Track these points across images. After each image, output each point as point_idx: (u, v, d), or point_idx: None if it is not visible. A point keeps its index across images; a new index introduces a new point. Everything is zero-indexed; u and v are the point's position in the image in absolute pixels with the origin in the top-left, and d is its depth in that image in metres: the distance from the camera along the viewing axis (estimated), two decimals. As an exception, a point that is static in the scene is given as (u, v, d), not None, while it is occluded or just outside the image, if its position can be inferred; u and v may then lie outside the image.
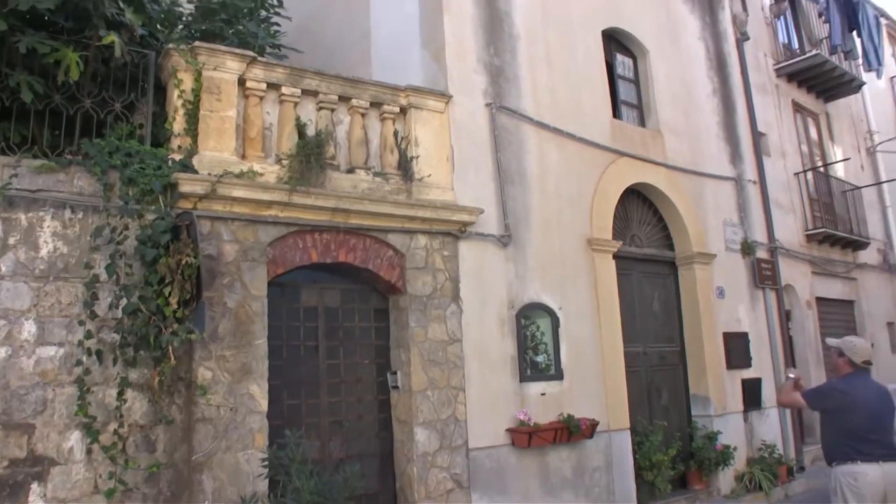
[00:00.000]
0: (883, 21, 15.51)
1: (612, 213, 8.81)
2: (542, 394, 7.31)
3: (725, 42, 11.69)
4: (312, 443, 5.84)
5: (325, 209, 6.02)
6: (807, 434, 11.15)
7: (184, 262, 4.94)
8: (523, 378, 7.19)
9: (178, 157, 5.59)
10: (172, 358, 5.01)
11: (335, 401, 6.25)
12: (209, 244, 5.41)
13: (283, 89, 6.13)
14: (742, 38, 11.93)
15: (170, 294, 4.99)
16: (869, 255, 14.75)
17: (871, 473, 4.64)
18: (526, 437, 6.81)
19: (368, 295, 6.64)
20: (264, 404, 5.51)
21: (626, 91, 9.98)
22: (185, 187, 5.39)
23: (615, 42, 9.92)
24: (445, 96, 7.09)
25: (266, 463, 5.22)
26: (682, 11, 10.95)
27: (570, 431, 7.14)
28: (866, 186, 15.29)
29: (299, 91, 6.20)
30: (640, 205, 9.71)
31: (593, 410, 7.63)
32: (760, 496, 8.98)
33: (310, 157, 5.86)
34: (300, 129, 6.06)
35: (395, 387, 6.46)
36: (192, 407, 5.22)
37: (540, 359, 7.46)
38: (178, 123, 5.72)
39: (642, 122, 9.97)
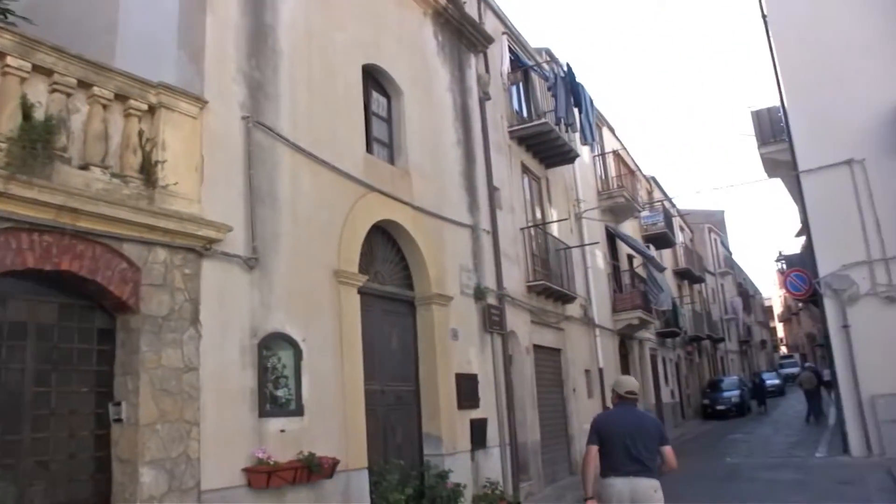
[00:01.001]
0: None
1: (359, 246, 8.69)
2: (282, 430, 6.81)
3: (470, 98, 12.36)
4: (7, 488, 4.75)
5: (51, 206, 5.06)
6: (522, 471, 11.79)
7: None
8: (263, 413, 6.65)
9: None
10: None
11: (41, 437, 5.18)
12: None
13: (10, 60, 5.09)
14: (484, 97, 12.72)
15: None
16: (574, 309, 16.34)
17: (617, 486, 5.37)
18: (264, 477, 6.25)
19: (92, 313, 5.68)
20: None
21: (378, 128, 10.03)
22: None
23: (373, 79, 9.97)
24: (201, 101, 6.47)
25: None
26: (435, 62, 11.40)
27: (311, 471, 6.72)
28: (575, 247, 17.04)
29: (30, 66, 5.21)
30: (384, 242, 9.72)
31: (333, 448, 7.28)
32: (486, 533, 9.22)
33: (35, 144, 4.91)
34: (26, 109, 5.07)
35: (119, 420, 5.54)
36: None
37: (281, 393, 6.98)
38: None
39: (392, 161, 10.06)
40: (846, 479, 11.78)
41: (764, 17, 16.89)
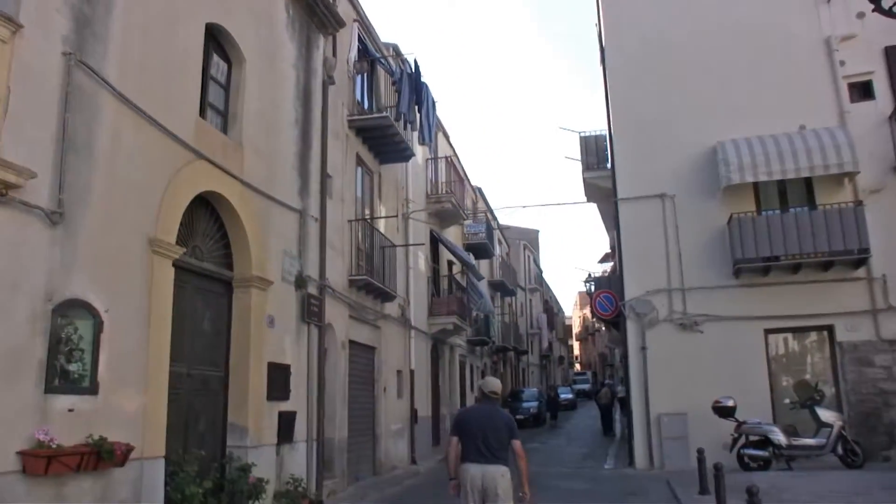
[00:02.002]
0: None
1: (180, 216, 7.99)
2: (71, 410, 6.01)
3: (314, 79, 11.90)
4: None
5: None
6: (327, 469, 11.44)
7: None
8: (50, 389, 5.82)
9: None
10: None
11: None
12: None
13: None
14: (329, 80, 12.30)
15: None
16: (392, 308, 16.24)
17: (471, 470, 6.27)
18: (42, 462, 5.45)
19: None
20: None
21: (215, 95, 9.34)
22: None
23: (215, 41, 9.26)
24: (14, 24, 5.56)
25: None
26: (283, 35, 10.84)
27: (101, 457, 5.99)
28: (400, 246, 16.97)
29: None
30: (207, 215, 9.05)
31: (128, 434, 6.57)
32: (284, 531, 8.79)
33: None
34: None
35: None
36: None
37: (73, 367, 6.16)
38: None
39: (225, 131, 9.40)
40: (632, 490, 12.57)
41: (602, 49, 17.88)
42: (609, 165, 18.24)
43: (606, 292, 18.34)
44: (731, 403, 13.66)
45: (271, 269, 9.95)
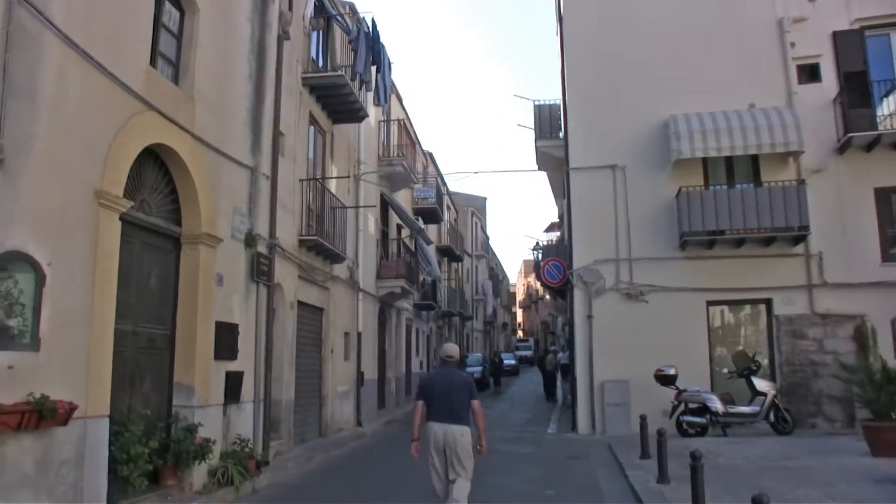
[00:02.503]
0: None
1: (128, 168, 7.69)
2: (11, 367, 5.76)
3: (269, 34, 11.55)
4: None
5: None
6: (273, 430, 11.34)
7: None
8: (-12, 344, 5.58)
9: None
10: None
11: None
12: None
13: None
14: (284, 35, 11.95)
15: None
16: (341, 270, 16.09)
17: (434, 428, 6.86)
18: (-19, 419, 5.25)
19: None
20: None
21: (166, 44, 8.96)
22: None
23: (166, -15, 8.86)
24: (-49, -47, 5.21)
25: None
26: (238, -16, 10.44)
27: (42, 416, 5.77)
28: (351, 207, 16.77)
29: None
30: (156, 169, 8.73)
31: (71, 392, 6.34)
32: (231, 491, 8.68)
33: None
34: None
35: None
36: None
37: (13, 323, 5.89)
38: None
39: (176, 82, 9.05)
40: (574, 453, 12.85)
41: (560, 20, 17.80)
42: (562, 135, 18.34)
43: (555, 260, 18.52)
44: (672, 372, 14.03)
45: (221, 227, 9.71)
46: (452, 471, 6.82)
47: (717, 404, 13.82)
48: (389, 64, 15.56)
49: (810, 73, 16.14)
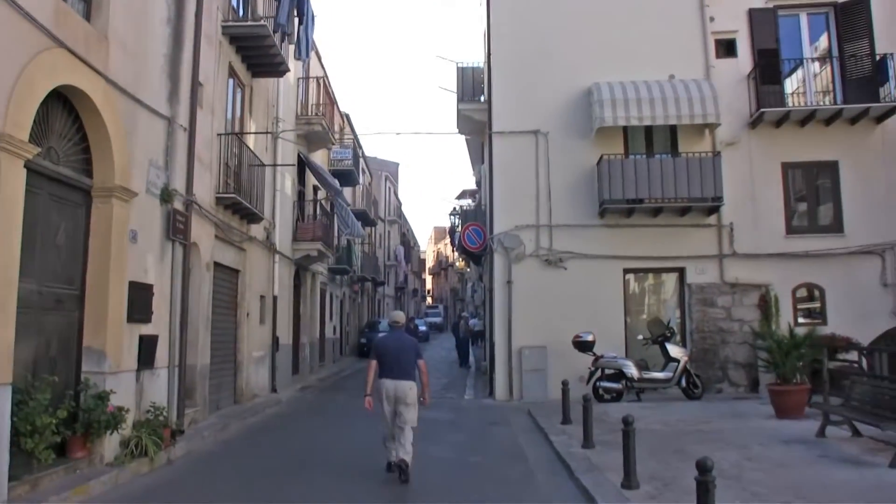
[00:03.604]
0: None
1: (34, 110, 6.98)
2: None
3: (189, -26, 10.76)
4: None
5: None
6: (188, 396, 10.82)
7: None
8: None
9: None
10: None
11: None
12: None
13: None
14: (203, -23, 11.16)
15: None
16: (258, 230, 15.49)
17: (386, 384, 7.94)
18: None
19: None
20: None
21: (75, -25, 8.16)
22: None
23: (75, -90, 8.04)
24: None
25: None
26: (155, -82, 9.62)
27: (-61, 381, 5.19)
28: (269, 165, 16.13)
29: None
30: (65, 114, 7.99)
31: (-29, 356, 5.74)
32: (145, 462, 8.19)
33: None
34: None
35: None
36: None
37: None
38: None
39: (88, 19, 8.27)
40: (494, 419, 12.91)
41: (487, -20, 17.49)
42: (484, 99, 18.18)
43: (475, 225, 18.48)
44: (590, 338, 14.26)
45: (135, 180, 9.04)
46: (400, 418, 7.86)
47: (632, 370, 14.15)
48: (313, 17, 14.90)
49: (727, 47, 16.54)
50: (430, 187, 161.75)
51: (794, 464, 8.00)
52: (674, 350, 14.40)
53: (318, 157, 22.79)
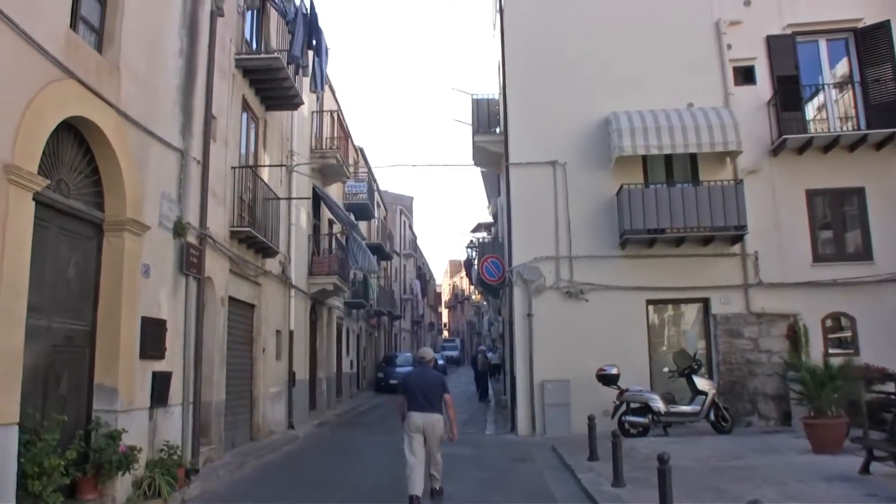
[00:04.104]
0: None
1: (44, 142, 6.82)
2: None
3: (202, 8, 10.73)
4: None
5: None
6: (203, 434, 10.50)
7: None
8: None
9: None
10: None
11: None
12: None
13: None
14: (217, 11, 11.11)
15: None
16: (273, 265, 15.29)
17: (415, 417, 8.34)
18: None
19: None
20: None
21: (89, 8, 8.07)
22: None
23: (89, -58, 7.98)
24: None
25: None
26: (169, -48, 9.59)
27: (-61, 422, 4.93)
28: (284, 199, 15.98)
29: None
30: (75, 145, 7.85)
31: (-26, 397, 5.49)
32: (158, 503, 7.88)
33: None
34: None
35: None
36: None
37: None
38: None
39: (100, 50, 8.17)
40: (519, 456, 12.48)
41: (501, 11, 17.46)
42: (499, 130, 18.04)
43: (494, 257, 18.18)
44: (614, 371, 13.85)
45: (148, 213, 8.86)
46: (429, 448, 8.40)
47: (659, 404, 13.70)
48: (327, 49, 14.85)
49: (746, 74, 16.31)
50: (445, 221, 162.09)
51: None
52: (701, 383, 13.94)
53: (333, 191, 22.69)
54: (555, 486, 9.61)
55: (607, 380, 13.86)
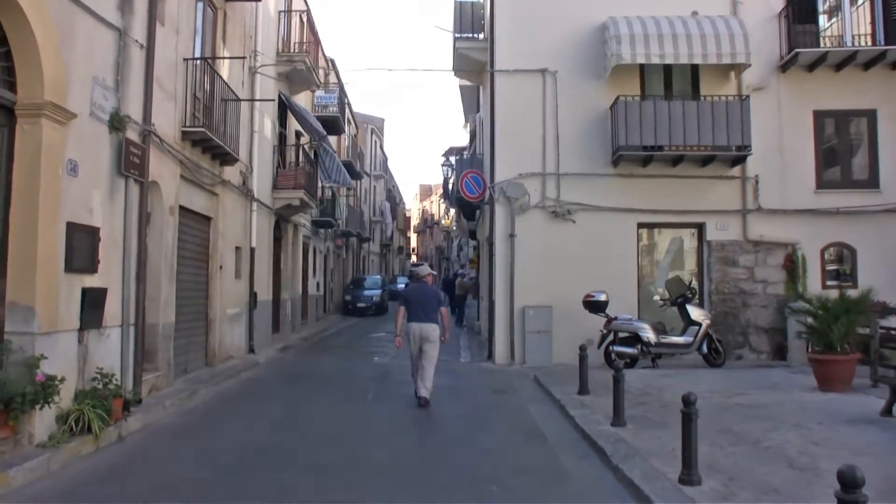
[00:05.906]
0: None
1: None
2: None
3: None
4: None
5: None
6: (148, 360, 9.25)
7: None
8: None
9: None
10: None
11: None
12: None
13: None
14: None
15: None
16: (232, 174, 13.81)
17: (414, 327, 9.61)
18: None
19: None
20: None
21: None
22: None
23: None
24: None
25: None
26: None
27: None
28: (246, 100, 14.41)
29: None
30: (-23, 9, 6.28)
31: None
32: (88, 441, 6.67)
33: None
34: None
35: None
36: None
37: None
38: None
39: None
40: (498, 387, 11.51)
41: None
42: (484, 36, 16.50)
43: (474, 173, 16.89)
44: (603, 298, 12.86)
45: (75, 98, 7.35)
46: (424, 356, 9.49)
47: (649, 334, 12.77)
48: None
49: (756, -19, 14.87)
50: (415, 145, 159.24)
51: (876, 451, 6.59)
52: (695, 313, 13.02)
53: (301, 100, 21.01)
54: (544, 423, 8.63)
55: (595, 307, 12.87)
